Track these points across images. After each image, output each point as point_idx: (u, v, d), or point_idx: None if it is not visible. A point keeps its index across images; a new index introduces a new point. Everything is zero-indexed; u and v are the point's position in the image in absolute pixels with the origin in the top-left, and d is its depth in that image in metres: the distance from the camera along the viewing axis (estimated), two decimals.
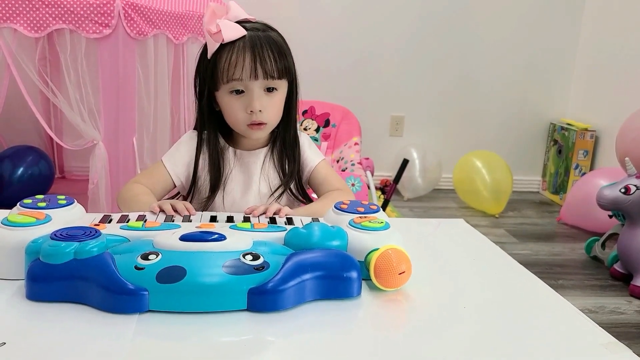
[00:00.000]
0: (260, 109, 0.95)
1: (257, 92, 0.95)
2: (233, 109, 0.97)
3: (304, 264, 0.63)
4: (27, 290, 0.60)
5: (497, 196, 2.72)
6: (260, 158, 1.05)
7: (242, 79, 0.94)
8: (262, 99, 0.96)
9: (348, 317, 0.62)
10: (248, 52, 0.93)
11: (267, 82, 0.96)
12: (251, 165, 1.04)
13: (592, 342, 0.59)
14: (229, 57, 0.94)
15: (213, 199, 1.02)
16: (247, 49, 0.94)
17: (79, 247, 0.60)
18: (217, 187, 1.02)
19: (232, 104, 0.97)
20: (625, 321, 1.71)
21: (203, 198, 1.02)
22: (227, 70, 0.94)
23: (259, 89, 0.96)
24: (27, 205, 0.73)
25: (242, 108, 0.96)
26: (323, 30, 2.91)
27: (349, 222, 0.72)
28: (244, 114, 0.96)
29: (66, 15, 1.64)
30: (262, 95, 0.96)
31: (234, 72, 0.94)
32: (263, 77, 0.95)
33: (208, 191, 1.02)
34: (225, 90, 0.97)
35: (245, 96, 0.96)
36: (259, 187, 1.03)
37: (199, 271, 0.59)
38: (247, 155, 1.05)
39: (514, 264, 0.82)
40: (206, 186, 1.03)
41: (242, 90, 0.96)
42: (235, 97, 0.96)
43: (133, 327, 0.56)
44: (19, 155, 2.27)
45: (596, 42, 2.95)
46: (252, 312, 0.60)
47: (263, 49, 0.94)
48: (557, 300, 0.70)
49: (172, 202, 0.87)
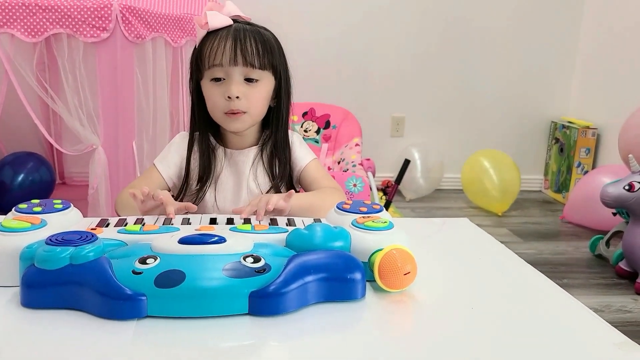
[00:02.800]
0: (237, 94, 0.95)
1: (236, 79, 0.96)
2: (212, 96, 0.97)
3: (307, 266, 0.61)
4: (22, 297, 0.59)
5: (505, 196, 2.71)
6: (250, 157, 1.05)
7: (222, 65, 0.95)
8: (240, 86, 0.96)
9: (352, 320, 0.61)
10: (230, 39, 0.95)
11: (248, 71, 0.96)
12: (241, 165, 1.04)
13: (605, 342, 0.58)
14: (211, 43, 0.95)
15: (203, 195, 1.01)
16: (230, 36, 0.95)
17: (75, 252, 0.58)
18: (206, 184, 1.02)
19: (212, 91, 0.97)
20: (632, 319, 1.69)
21: (194, 194, 1.02)
22: (208, 57, 0.95)
23: (239, 76, 0.96)
24: (23, 210, 0.71)
25: (221, 94, 0.96)
26: (322, 32, 2.90)
27: (352, 222, 0.71)
28: (222, 101, 0.96)
29: (63, 19, 1.63)
30: (242, 83, 0.96)
31: (215, 57, 0.95)
32: (243, 64, 0.95)
33: (197, 187, 1.02)
34: (207, 78, 0.98)
35: (224, 83, 0.96)
36: (249, 186, 1.03)
37: (198, 275, 0.57)
38: (237, 154, 1.05)
39: (521, 262, 0.80)
40: (197, 184, 1.03)
41: (222, 79, 0.96)
42: (216, 84, 0.97)
43: (131, 333, 0.55)
44: (19, 161, 2.26)
45: (596, 39, 2.94)
46: (253, 316, 0.58)
47: (246, 38, 0.95)
48: (567, 299, 0.68)
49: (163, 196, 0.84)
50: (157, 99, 1.94)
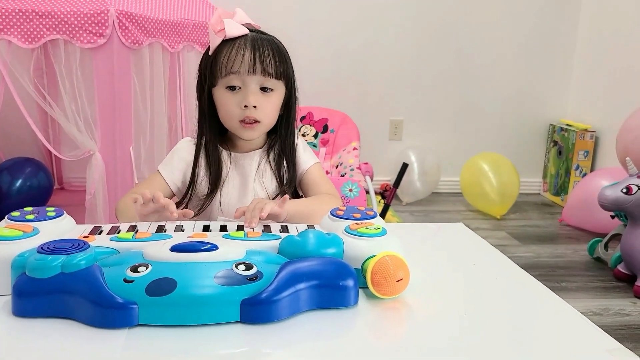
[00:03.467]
0: (255, 104, 0.96)
1: (252, 88, 0.96)
2: (227, 105, 0.98)
3: (299, 273, 0.61)
4: (14, 306, 0.59)
5: (504, 199, 2.71)
6: (255, 160, 1.05)
7: (239, 73, 0.95)
8: (257, 95, 0.96)
9: (345, 327, 0.61)
10: (248, 48, 0.95)
11: (264, 80, 0.97)
12: (246, 168, 1.04)
13: (597, 348, 0.57)
14: (229, 51, 0.96)
15: (211, 200, 1.01)
16: (248, 45, 0.96)
17: (66, 260, 0.58)
18: (215, 189, 1.01)
19: (227, 99, 0.98)
20: (630, 323, 1.69)
21: (200, 199, 1.02)
22: (225, 64, 0.95)
23: (255, 86, 0.97)
24: (15, 218, 0.71)
25: (237, 103, 0.97)
26: (321, 36, 2.90)
27: (345, 228, 0.71)
28: (237, 110, 0.97)
29: (60, 25, 1.63)
30: (258, 92, 0.97)
31: (233, 65, 0.95)
32: (261, 74, 0.96)
33: (206, 192, 1.02)
34: (222, 85, 0.98)
35: (240, 92, 0.97)
36: (255, 189, 1.03)
37: (190, 283, 0.57)
38: (241, 157, 1.05)
39: (515, 268, 0.80)
40: (203, 188, 1.03)
41: (238, 87, 0.97)
42: (231, 93, 0.97)
43: (122, 342, 0.54)
44: (17, 167, 2.26)
45: (594, 42, 2.94)
46: (245, 324, 0.58)
47: (264, 47, 0.96)
48: (560, 304, 0.68)
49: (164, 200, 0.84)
50: (155, 105, 1.94)
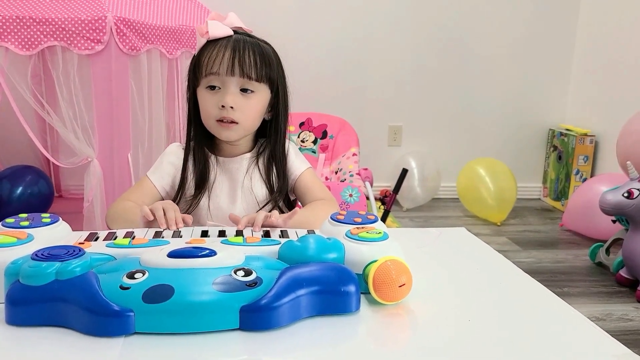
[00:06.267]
0: (232, 104, 0.95)
1: (232, 89, 0.96)
2: (206, 104, 0.98)
3: (299, 279, 0.60)
4: (7, 315, 0.57)
5: (502, 204, 2.70)
6: (243, 165, 1.04)
7: (219, 74, 0.95)
8: (235, 96, 0.96)
9: (347, 334, 0.59)
10: (229, 49, 0.96)
11: (244, 82, 0.96)
12: (234, 172, 1.04)
13: (605, 354, 0.56)
14: (210, 51, 0.96)
15: (198, 203, 1.01)
16: (229, 46, 0.96)
17: (61, 267, 0.57)
18: (199, 191, 1.01)
19: (206, 98, 0.98)
20: (633, 328, 1.67)
21: (189, 203, 1.02)
22: (206, 65, 0.96)
23: (235, 87, 0.96)
24: (9, 225, 0.70)
25: (215, 103, 0.97)
26: (320, 42, 2.90)
27: (346, 233, 0.70)
28: (215, 109, 0.97)
29: (57, 32, 1.63)
30: (237, 93, 0.97)
31: (212, 66, 0.95)
32: (240, 75, 0.95)
33: (193, 195, 1.02)
34: (203, 85, 0.98)
35: (219, 92, 0.97)
36: (244, 194, 1.03)
37: (187, 289, 0.56)
38: (228, 161, 1.04)
39: (519, 272, 0.79)
40: (192, 192, 1.03)
41: (218, 88, 0.97)
42: (211, 92, 0.97)
43: (118, 350, 0.53)
44: (17, 175, 2.25)
45: (592, 46, 2.94)
46: (244, 331, 0.57)
47: (245, 49, 0.96)
48: (567, 309, 0.67)
49: (165, 206, 0.84)
50: (153, 111, 1.93)
